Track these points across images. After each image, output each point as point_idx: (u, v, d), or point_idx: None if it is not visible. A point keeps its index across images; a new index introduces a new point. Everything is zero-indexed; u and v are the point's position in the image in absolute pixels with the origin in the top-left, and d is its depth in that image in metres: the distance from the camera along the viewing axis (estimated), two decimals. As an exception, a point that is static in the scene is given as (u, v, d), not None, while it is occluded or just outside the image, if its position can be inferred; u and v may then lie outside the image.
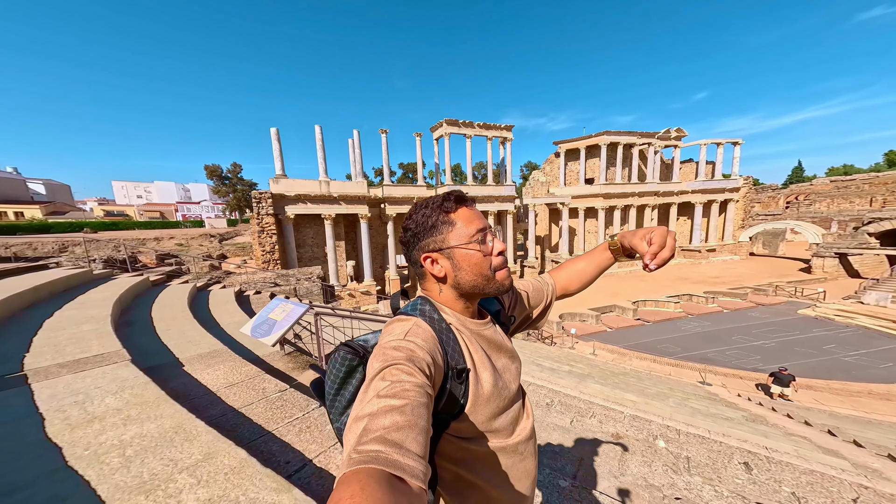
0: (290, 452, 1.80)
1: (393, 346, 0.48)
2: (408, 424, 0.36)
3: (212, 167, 40.25)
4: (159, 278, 7.23)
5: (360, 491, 0.28)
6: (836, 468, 2.56)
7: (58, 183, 49.13)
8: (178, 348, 3.12)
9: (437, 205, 0.60)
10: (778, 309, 14.18)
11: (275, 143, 17.05)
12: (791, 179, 52.65)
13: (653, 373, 8.26)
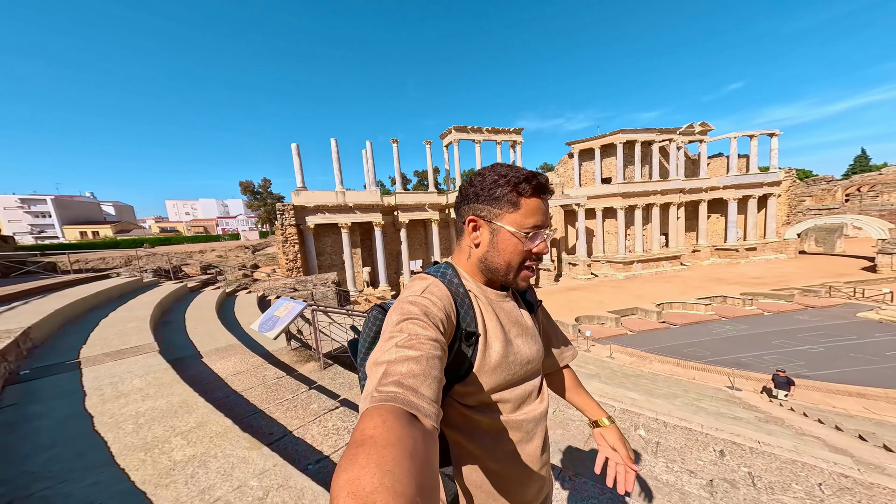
0: (274, 425, 2.10)
1: (410, 301, 0.50)
2: (422, 372, 0.38)
3: (245, 183, 44.21)
4: (195, 286, 8.18)
5: (381, 423, 0.31)
6: (827, 461, 2.44)
7: (123, 204, 56.76)
8: (200, 343, 3.61)
9: (515, 181, 0.56)
10: (832, 312, 12.49)
11: (295, 157, 18.55)
12: (854, 169, 47.16)
13: (674, 377, 7.73)
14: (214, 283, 9.73)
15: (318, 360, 3.46)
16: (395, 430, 0.30)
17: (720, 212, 25.17)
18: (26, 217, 41.91)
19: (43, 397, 1.99)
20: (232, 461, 1.40)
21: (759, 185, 23.19)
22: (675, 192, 23.47)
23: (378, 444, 0.28)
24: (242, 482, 1.28)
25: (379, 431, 0.29)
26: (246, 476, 1.32)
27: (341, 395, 2.78)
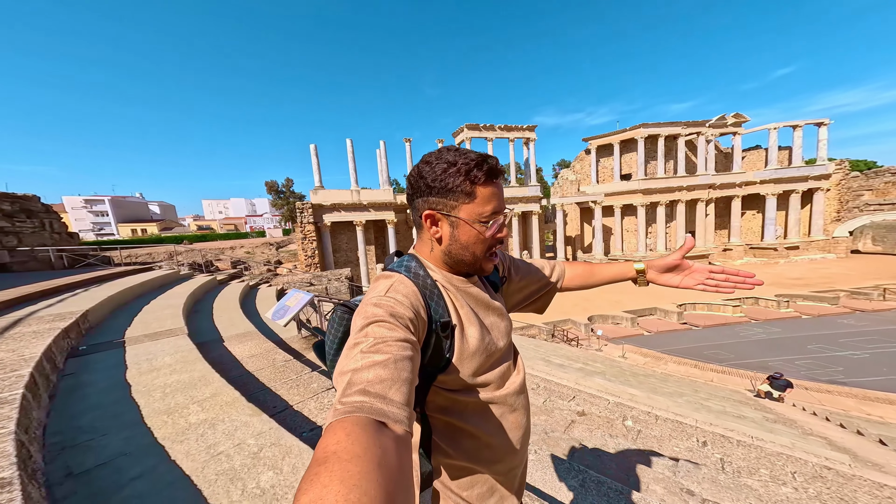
0: (277, 400, 2.38)
1: (374, 303, 0.48)
2: (390, 377, 0.37)
3: (270, 183, 46.80)
4: (224, 279, 8.97)
5: (345, 437, 0.28)
6: (818, 456, 2.41)
7: (167, 203, 62.25)
8: (224, 329, 4.05)
9: (466, 169, 0.54)
10: (885, 316, 11.18)
11: (313, 158, 19.41)
12: None
13: (689, 378, 7.41)
14: (240, 276, 10.57)
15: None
16: (360, 442, 0.28)
17: (756, 208, 23.15)
18: (89, 216, 47.35)
19: (94, 369, 2.40)
20: (236, 424, 1.66)
21: (804, 179, 21.03)
22: (703, 188, 21.90)
23: (342, 458, 0.26)
24: (241, 440, 1.53)
25: (342, 446, 0.28)
26: (245, 436, 1.57)
27: None
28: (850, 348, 9.08)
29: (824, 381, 7.31)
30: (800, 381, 7.03)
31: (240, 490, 1.23)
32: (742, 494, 1.81)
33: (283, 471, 1.33)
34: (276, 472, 1.32)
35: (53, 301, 3.93)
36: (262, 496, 1.20)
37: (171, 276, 7.30)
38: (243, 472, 1.32)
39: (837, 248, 20.58)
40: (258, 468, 1.34)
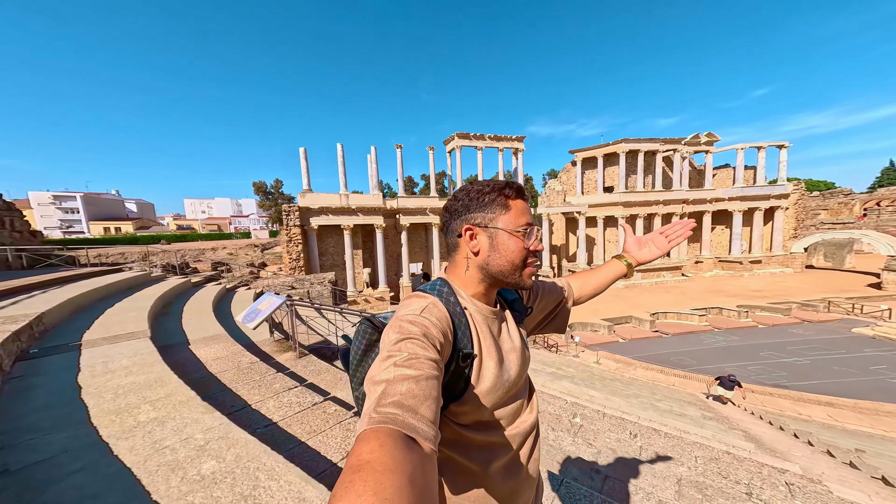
0: (237, 400, 2.48)
1: (409, 321, 0.49)
2: (422, 393, 0.37)
3: (258, 183, 45.78)
4: (199, 281, 8.76)
5: (378, 447, 0.29)
6: (726, 444, 2.81)
7: (145, 202, 59.45)
8: (191, 332, 4.06)
9: (499, 188, 0.59)
10: (827, 326, 12.29)
11: (302, 161, 19.30)
12: (881, 182, 45.05)
13: (654, 382, 7.87)
14: (217, 279, 10.34)
15: (295, 350, 3.86)
16: (393, 455, 0.29)
17: (725, 223, 24.77)
18: (57, 213, 44.47)
19: (45, 371, 2.42)
20: (186, 421, 1.78)
21: (766, 198, 22.79)
22: (678, 203, 23.27)
23: (376, 469, 0.27)
24: (189, 435, 1.66)
25: (376, 456, 0.28)
26: (194, 431, 1.69)
27: (308, 380, 3.15)
28: (795, 355, 9.93)
29: (770, 384, 7.96)
30: (748, 385, 7.62)
31: (179, 477, 1.36)
32: (643, 473, 2.10)
33: (227, 460, 1.48)
34: (219, 461, 1.46)
35: (6, 303, 3.81)
36: (202, 481, 1.34)
37: (140, 277, 7.11)
38: (186, 463, 1.45)
39: (794, 263, 22.31)
40: (202, 459, 1.48)
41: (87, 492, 1.28)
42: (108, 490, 1.29)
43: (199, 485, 1.33)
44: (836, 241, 21.68)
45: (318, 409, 2.38)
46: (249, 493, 1.29)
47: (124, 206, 53.23)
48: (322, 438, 2.02)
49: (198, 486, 1.32)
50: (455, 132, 22.62)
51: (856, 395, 6.85)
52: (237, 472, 1.40)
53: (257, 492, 1.30)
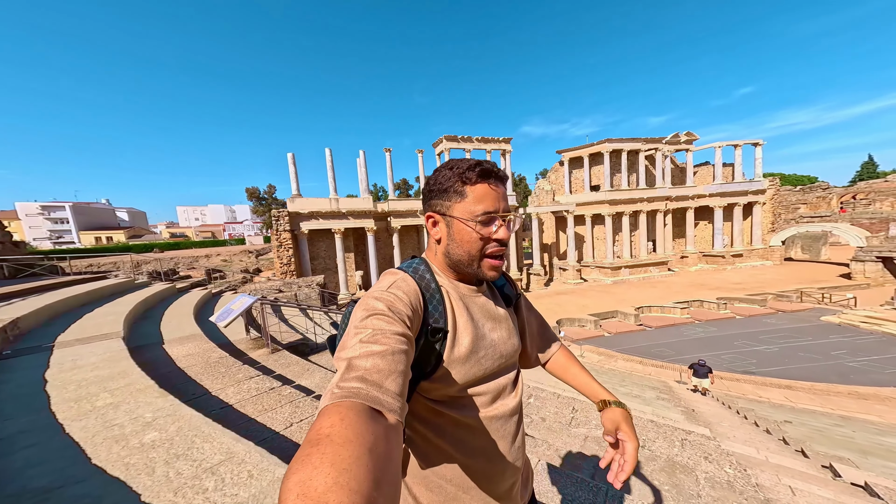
0: (198, 388, 2.67)
1: (375, 297, 0.49)
2: (387, 367, 0.38)
3: (251, 189, 45.59)
4: (184, 286, 8.86)
5: (339, 421, 0.29)
6: (667, 419, 3.13)
7: (137, 210, 58.73)
8: (167, 334, 4.21)
9: (461, 171, 0.57)
10: (799, 315, 12.79)
11: (291, 166, 19.46)
12: (860, 176, 46.14)
13: (633, 372, 8.17)
14: (204, 285, 10.41)
15: (268, 347, 4.04)
16: (353, 427, 0.29)
17: (707, 219, 25.46)
18: (46, 223, 43.71)
19: (14, 369, 2.58)
20: (140, 405, 1.97)
21: (744, 193, 23.54)
22: (661, 200, 23.88)
23: (335, 442, 0.27)
24: (139, 415, 1.85)
25: (336, 429, 0.28)
26: (144, 412, 1.88)
27: (276, 372, 3.33)
28: (766, 343, 10.35)
29: (739, 371, 8.31)
30: (720, 372, 7.95)
31: (121, 446, 1.55)
32: (560, 433, 2.35)
33: (168, 431, 1.67)
34: (161, 433, 1.66)
35: (-16, 310, 3.94)
36: (141, 447, 1.53)
37: (124, 284, 7.21)
38: (130, 435, 1.64)
39: (773, 256, 22.98)
40: (146, 431, 1.67)
41: (36, 461, 1.46)
42: (55, 459, 1.48)
43: (137, 450, 1.52)
44: (812, 233, 22.51)
45: (275, 392, 2.58)
46: (184, 453, 1.49)
47: (115, 215, 52.57)
48: (271, 415, 2.22)
49: (136, 451, 1.52)
50: (444, 135, 23.00)
51: (815, 379, 7.23)
52: (176, 439, 1.60)
53: (191, 451, 1.50)
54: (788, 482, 1.91)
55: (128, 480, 1.31)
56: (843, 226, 19.65)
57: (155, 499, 1.22)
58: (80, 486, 1.28)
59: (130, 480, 1.31)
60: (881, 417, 4.87)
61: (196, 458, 1.45)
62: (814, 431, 3.70)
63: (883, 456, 3.00)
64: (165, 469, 1.38)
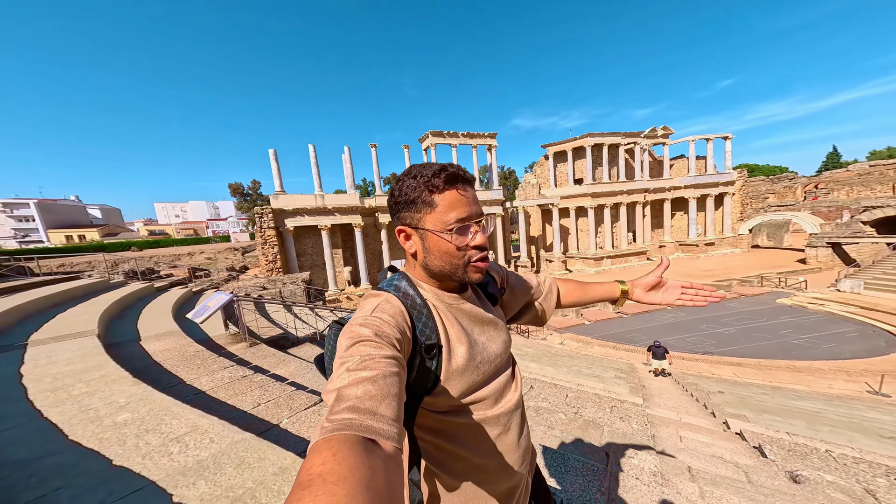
0: (174, 377, 2.83)
1: (359, 324, 0.48)
2: (380, 392, 0.36)
3: (234, 185, 44.00)
4: (163, 285, 8.73)
5: (332, 457, 0.27)
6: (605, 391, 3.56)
7: (111, 207, 55.62)
8: (144, 331, 4.28)
9: (426, 179, 0.54)
10: (758, 299, 13.88)
11: (273, 162, 19.00)
12: (826, 166, 48.83)
13: (607, 357, 8.75)
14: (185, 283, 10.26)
15: (246, 341, 4.20)
16: (347, 462, 0.27)
17: (683, 210, 26.62)
18: (9, 221, 40.96)
19: (-10, 365, 2.66)
20: (114, 392, 2.13)
21: (715, 185, 24.76)
22: (640, 192, 24.76)
23: (327, 481, 0.25)
24: (113, 401, 2.02)
25: (328, 467, 0.26)
26: (118, 398, 2.06)
27: (253, 363, 3.51)
28: (726, 326, 11.25)
29: (700, 352, 9.05)
30: (682, 354, 8.63)
31: (96, 425, 1.74)
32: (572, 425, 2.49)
33: (140, 412, 1.86)
34: (133, 413, 1.85)
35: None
36: (114, 426, 1.72)
37: (98, 284, 7.10)
38: (105, 417, 1.82)
39: (742, 244, 24.44)
40: (119, 413, 1.86)
41: (16, 439, 1.64)
42: (33, 438, 1.66)
43: (111, 428, 1.72)
44: (776, 222, 24.06)
45: (247, 379, 2.78)
46: (153, 428, 1.70)
47: (87, 213, 49.68)
48: (241, 398, 2.43)
49: (110, 428, 1.71)
50: (429, 130, 22.87)
51: (764, 356, 8.01)
52: (147, 418, 1.79)
53: (160, 426, 1.71)
54: (683, 434, 2.32)
55: (101, 451, 1.51)
56: (802, 214, 21.10)
57: (125, 462, 1.43)
58: (57, 457, 1.48)
59: (104, 450, 1.51)
60: (807, 386, 5.57)
61: (164, 432, 1.66)
62: (737, 399, 4.24)
63: (776, 414, 3.55)
64: (136, 441, 1.59)
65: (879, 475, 1.94)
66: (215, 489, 1.26)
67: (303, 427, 2.07)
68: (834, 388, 5.65)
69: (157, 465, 1.40)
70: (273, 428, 2.06)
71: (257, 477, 1.31)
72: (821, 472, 1.94)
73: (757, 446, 2.30)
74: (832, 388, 5.57)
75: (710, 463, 2.08)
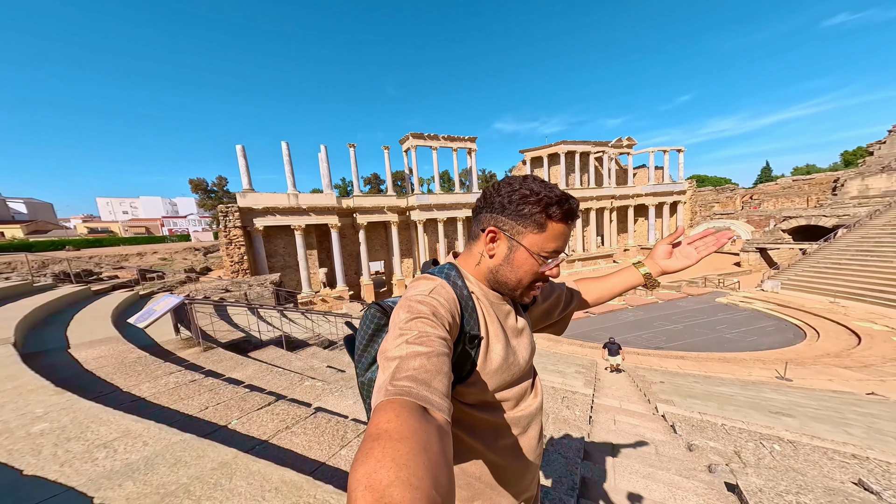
0: (108, 386, 2.60)
1: (418, 300, 0.50)
2: (434, 368, 0.39)
3: (196, 181, 40.53)
4: (103, 288, 7.83)
5: (395, 417, 0.31)
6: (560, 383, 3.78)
7: (39, 202, 48.26)
8: (75, 338, 3.84)
9: (546, 203, 0.55)
10: (702, 298, 15.68)
11: (241, 159, 17.83)
12: (761, 179, 55.25)
13: (574, 354, 9.28)
14: (131, 286, 9.26)
15: (200, 345, 3.93)
16: (408, 424, 0.30)
17: (644, 215, 29.17)
18: None
19: None
20: (30, 402, 1.93)
21: (670, 194, 27.55)
22: (608, 198, 26.73)
23: (393, 437, 0.28)
24: (29, 411, 1.83)
25: (393, 425, 0.30)
26: (35, 408, 1.87)
27: (205, 368, 3.29)
28: (675, 323, 12.59)
29: (652, 347, 10.01)
30: (637, 349, 9.45)
31: (5, 437, 1.57)
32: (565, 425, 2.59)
33: (61, 421, 1.71)
34: (52, 423, 1.70)
35: None
36: (28, 437, 1.57)
37: (19, 287, 6.18)
38: (17, 428, 1.65)
39: (693, 248, 27.46)
40: (35, 423, 1.70)
41: None
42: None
43: (23, 439, 1.57)
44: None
45: (195, 384, 2.63)
46: (76, 436, 1.58)
47: (7, 207, 42.71)
48: (186, 402, 2.31)
49: (22, 440, 1.56)
50: (410, 132, 22.85)
51: (702, 349, 9.06)
52: (69, 427, 1.66)
53: (85, 434, 1.59)
54: (618, 418, 2.62)
55: (10, 462, 1.38)
56: (739, 222, 24.20)
57: (39, 471, 1.33)
58: (-48, 472, 1.33)
59: (13, 462, 1.39)
60: (731, 374, 6.42)
61: (89, 439, 1.56)
62: (672, 387, 4.80)
63: (699, 398, 4.12)
64: (53, 450, 1.47)
65: (751, 441, 2.37)
66: (144, 488, 1.22)
67: (253, 426, 2.00)
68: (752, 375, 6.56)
69: (77, 472, 1.32)
70: (220, 429, 1.99)
71: (193, 473, 1.29)
72: (709, 441, 2.33)
73: (672, 425, 2.66)
74: (751, 376, 6.47)
75: (631, 440, 2.38)
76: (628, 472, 1.82)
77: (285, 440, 1.84)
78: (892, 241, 15.31)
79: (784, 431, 2.64)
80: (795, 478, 1.71)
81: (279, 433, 1.91)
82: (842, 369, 6.81)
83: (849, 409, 3.86)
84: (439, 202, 22.63)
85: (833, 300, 12.91)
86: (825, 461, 2.09)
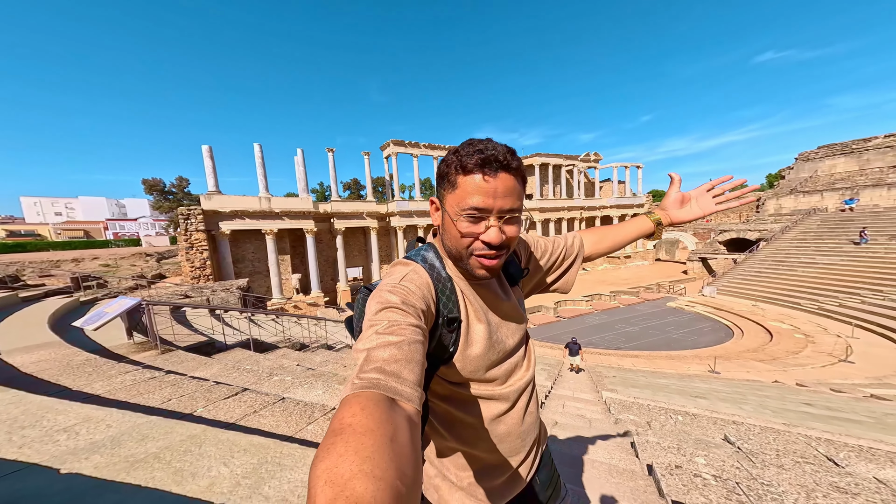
0: (55, 386, 2.49)
1: (389, 290, 0.49)
2: (404, 357, 0.38)
3: (151, 181, 37.12)
4: (34, 295, 7.04)
5: (360, 410, 0.30)
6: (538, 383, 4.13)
7: None
8: (7, 344, 3.53)
9: (459, 157, 0.51)
10: (656, 303, 17.46)
11: (207, 160, 16.91)
12: None
13: (545, 356, 9.78)
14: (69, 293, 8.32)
15: (157, 349, 3.76)
16: (374, 417, 0.30)
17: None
18: None
19: None
20: None
21: (631, 206, 30.50)
22: (577, 209, 28.88)
23: (357, 431, 0.28)
24: (-30, 406, 1.78)
25: (357, 419, 0.29)
26: (-24, 404, 1.80)
27: (164, 368, 3.18)
28: (632, 325, 13.92)
29: (612, 348, 10.96)
30: (598, 350, 10.27)
31: (-50, 427, 1.54)
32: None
33: (11, 413, 1.69)
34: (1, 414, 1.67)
35: None
36: None
37: (-75, 292, 5.40)
38: (-39, 420, 1.62)
39: (649, 258, 30.49)
40: (-20, 417, 1.66)
41: None
42: None
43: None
44: (671, 239, 30.74)
45: (156, 380, 2.59)
46: (32, 424, 1.59)
47: None
48: (148, 396, 2.29)
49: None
50: (391, 139, 23.17)
51: (652, 349, 10.12)
52: (21, 418, 1.66)
53: (41, 422, 1.60)
54: (567, 403, 3.03)
55: (-40, 449, 1.39)
56: (686, 234, 27.33)
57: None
58: None
59: (-37, 449, 1.39)
60: (674, 370, 7.29)
61: (46, 426, 1.57)
62: (620, 381, 5.42)
63: (638, 387, 4.77)
64: (7, 436, 1.48)
65: (663, 414, 2.90)
66: (112, 458, 1.29)
67: (220, 412, 2.06)
68: (690, 370, 7.50)
69: (38, 452, 1.35)
70: (186, 416, 2.03)
71: (162, 444, 1.38)
72: (630, 415, 2.83)
73: (609, 407, 3.14)
74: (689, 370, 7.39)
75: (573, 419, 2.80)
76: (562, 437, 2.19)
77: (253, 421, 1.95)
78: (797, 252, 18.25)
79: (693, 409, 3.20)
80: (679, 435, 2.20)
81: (247, 416, 2.01)
82: (757, 362, 8.04)
83: (751, 392, 4.67)
84: (420, 209, 22.94)
85: (755, 304, 14.92)
86: (710, 426, 2.62)
